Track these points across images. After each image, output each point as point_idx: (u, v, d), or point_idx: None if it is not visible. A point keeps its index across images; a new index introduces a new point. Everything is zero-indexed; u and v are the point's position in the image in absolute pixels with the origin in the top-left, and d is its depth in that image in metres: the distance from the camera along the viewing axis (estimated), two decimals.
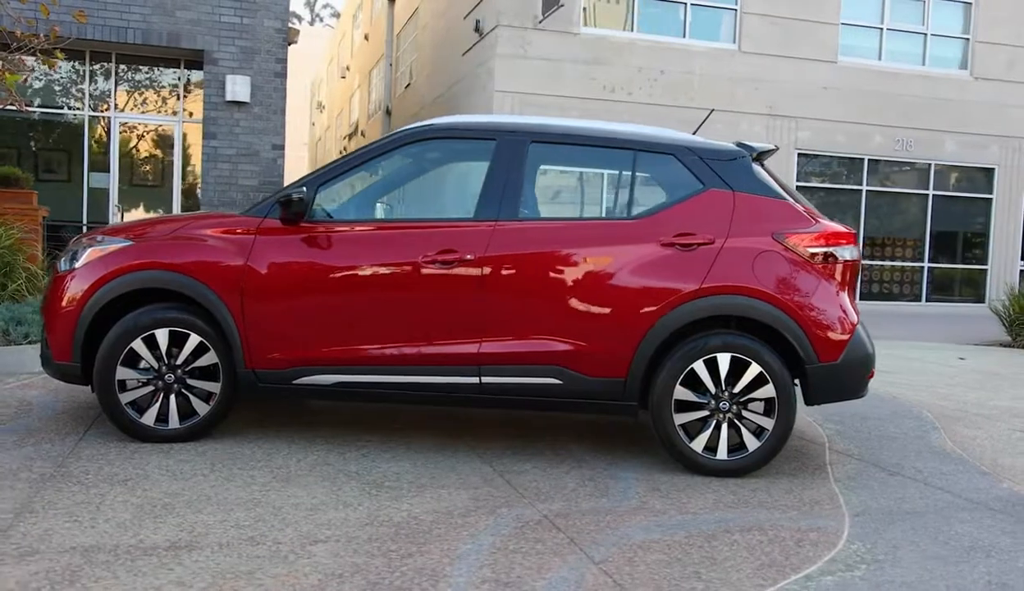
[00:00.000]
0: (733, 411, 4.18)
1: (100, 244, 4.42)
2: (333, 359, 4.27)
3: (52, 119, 13.77)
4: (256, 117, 13.52)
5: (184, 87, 14.03)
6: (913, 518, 3.69)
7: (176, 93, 14.05)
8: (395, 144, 4.48)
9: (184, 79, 13.95)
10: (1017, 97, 16.69)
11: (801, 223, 4.31)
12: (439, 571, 2.86)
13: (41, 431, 4.46)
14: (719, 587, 2.85)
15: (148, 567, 2.78)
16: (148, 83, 13.95)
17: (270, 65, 13.54)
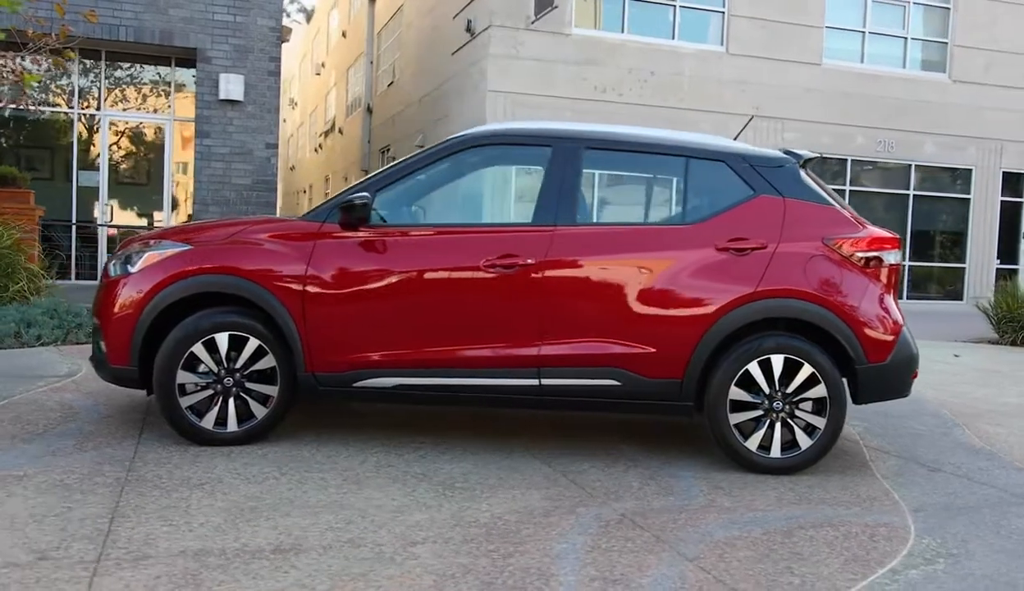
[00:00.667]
0: (786, 411, 4.30)
1: (157, 248, 4.43)
2: (394, 362, 4.32)
3: (40, 117, 13.57)
4: (250, 116, 13.45)
5: (175, 85, 13.91)
6: (970, 513, 3.84)
7: (167, 91, 13.92)
8: (453, 149, 4.54)
9: (175, 77, 13.82)
10: (993, 100, 17.11)
11: (849, 228, 4.45)
12: (545, 570, 2.95)
13: (96, 435, 4.46)
14: (814, 582, 2.97)
15: (264, 570, 2.83)
16: (139, 81, 13.81)
17: (263, 64, 13.48)
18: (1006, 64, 17.23)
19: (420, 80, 18.83)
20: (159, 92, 13.90)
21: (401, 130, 20.25)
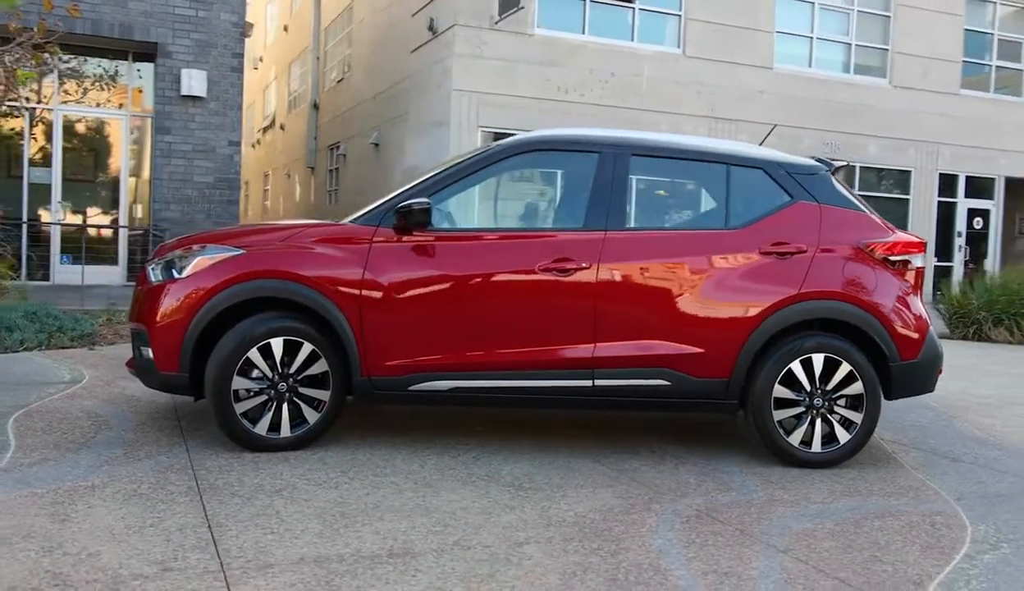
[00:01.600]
0: (826, 407, 4.51)
1: (207, 253, 4.38)
2: (449, 365, 4.38)
3: None
4: (212, 112, 13.19)
5: (133, 80, 13.54)
6: (1008, 501, 4.10)
7: (124, 86, 13.55)
8: (501, 155, 4.60)
9: (133, 72, 13.46)
10: (930, 104, 17.86)
11: (880, 233, 4.69)
12: (656, 566, 3.06)
13: (140, 443, 4.40)
14: (904, 569, 3.15)
15: (392, 575, 2.87)
16: (94, 75, 13.40)
17: (226, 59, 13.24)
18: (941, 71, 18.00)
19: (374, 77, 18.70)
20: (115, 87, 13.51)
21: (353, 127, 20.08)
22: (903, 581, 3.04)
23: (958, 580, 3.07)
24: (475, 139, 14.61)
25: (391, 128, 17.49)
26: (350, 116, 20.47)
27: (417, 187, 4.54)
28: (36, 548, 2.95)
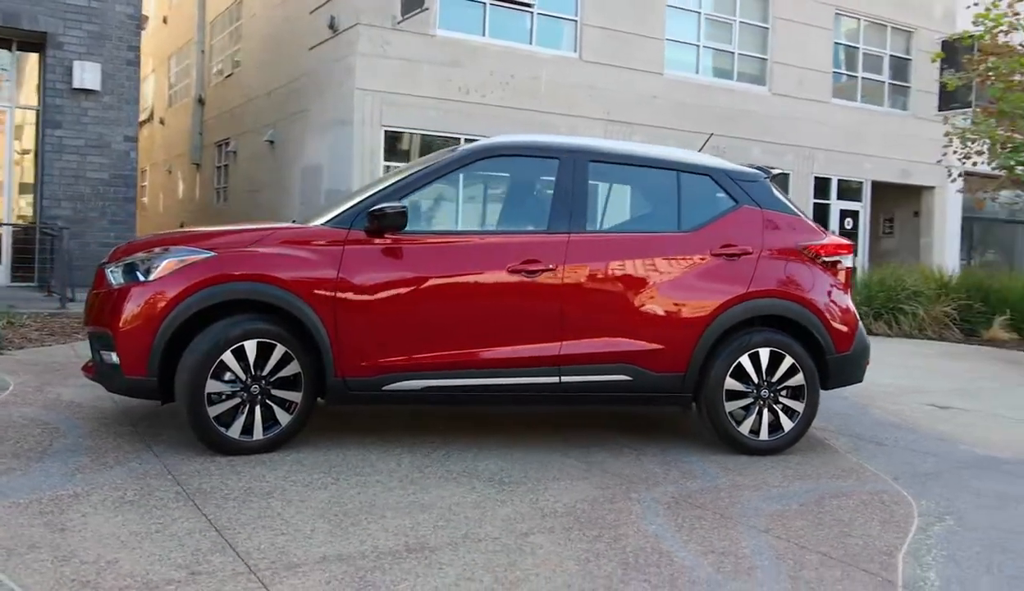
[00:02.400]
0: (771, 398, 4.85)
1: (175, 255, 4.32)
2: (422, 365, 4.48)
3: None
4: (107, 106, 12.67)
5: (19, 71, 12.83)
6: (936, 478, 4.54)
7: (6, 77, 12.82)
8: (466, 160, 4.73)
9: (19, 62, 12.76)
10: (805, 111, 18.94)
11: (816, 235, 5.08)
12: (658, 549, 3.28)
13: (104, 450, 4.29)
14: (872, 541, 3.49)
15: (419, 568, 2.97)
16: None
17: (122, 52, 12.74)
18: (815, 81, 19.12)
19: (268, 73, 18.31)
20: None
21: (245, 123, 19.59)
22: (876, 552, 3.37)
23: (920, 549, 3.43)
24: (379, 138, 14.57)
25: (288, 126, 17.18)
26: (241, 112, 19.96)
27: (385, 190, 4.61)
28: (48, 558, 2.90)
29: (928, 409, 6.60)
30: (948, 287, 12.69)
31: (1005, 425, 6.13)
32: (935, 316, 12.21)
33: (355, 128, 14.40)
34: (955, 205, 21.34)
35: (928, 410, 6.55)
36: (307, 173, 16.21)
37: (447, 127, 15.15)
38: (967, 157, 13.94)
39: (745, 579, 3.03)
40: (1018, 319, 12.26)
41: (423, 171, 4.70)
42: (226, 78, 21.62)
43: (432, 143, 15.43)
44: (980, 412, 6.61)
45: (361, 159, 14.47)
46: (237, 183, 20.30)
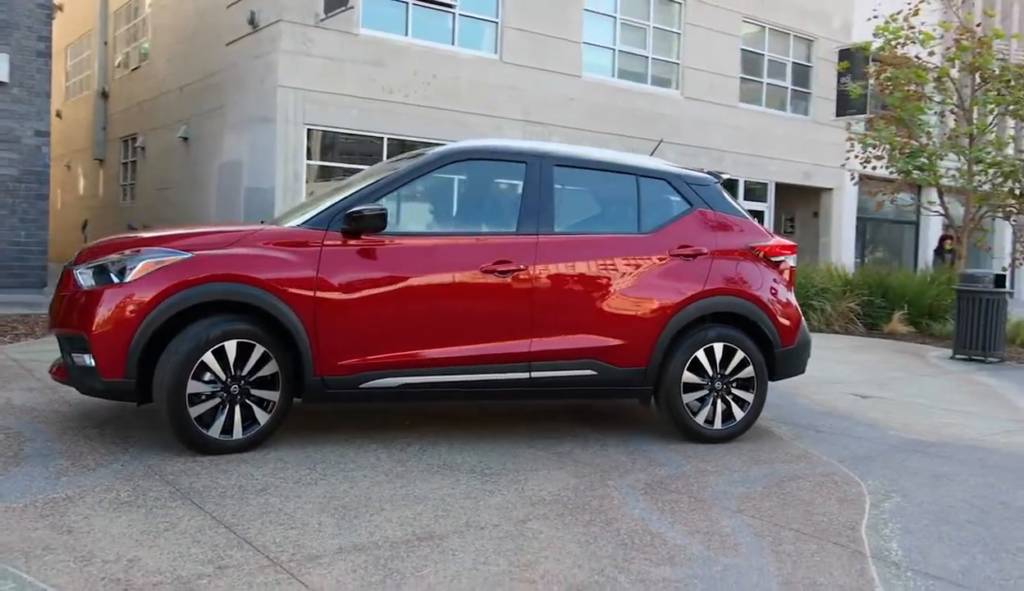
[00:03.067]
0: (724, 389, 5.17)
1: (151, 256, 4.32)
2: (399, 362, 4.60)
3: None
4: (16, 99, 12.19)
5: None
6: (874, 461, 4.94)
7: None
8: (437, 163, 4.87)
9: None
10: (716, 115, 19.67)
11: (763, 237, 5.42)
12: (649, 530, 3.51)
13: (78, 454, 4.25)
14: (836, 517, 3.81)
15: (435, 554, 3.12)
16: None
17: (31, 43, 12.27)
18: (723, 85, 19.88)
19: (180, 68, 17.87)
20: None
21: (155, 119, 19.06)
22: (841, 527, 3.69)
23: (877, 523, 3.77)
24: (302, 136, 14.45)
25: (204, 122, 16.82)
26: (150, 107, 19.41)
27: (360, 192, 4.71)
28: (68, 558, 2.93)
29: (851, 398, 7.08)
30: (852, 284, 13.44)
31: (922, 412, 6.64)
32: (841, 311, 12.92)
33: (278, 126, 14.25)
34: (851, 206, 22.53)
35: (851, 399, 7.03)
36: (225, 170, 15.93)
37: (370, 126, 15.15)
38: (867, 161, 14.78)
39: (733, 554, 3.29)
40: (914, 313, 13.08)
41: (396, 174, 4.81)
42: (132, 71, 20.97)
43: (357, 142, 15.41)
44: (896, 401, 7.12)
45: (284, 157, 14.33)
46: (146, 180, 19.73)
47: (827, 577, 3.11)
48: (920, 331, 12.79)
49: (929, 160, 13.40)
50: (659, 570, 3.09)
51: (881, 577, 3.14)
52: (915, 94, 13.91)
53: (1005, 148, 13.70)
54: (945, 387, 8.02)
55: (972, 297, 9.99)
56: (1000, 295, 9.92)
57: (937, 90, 13.88)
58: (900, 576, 3.16)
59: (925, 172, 13.37)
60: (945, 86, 13.74)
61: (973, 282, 10.11)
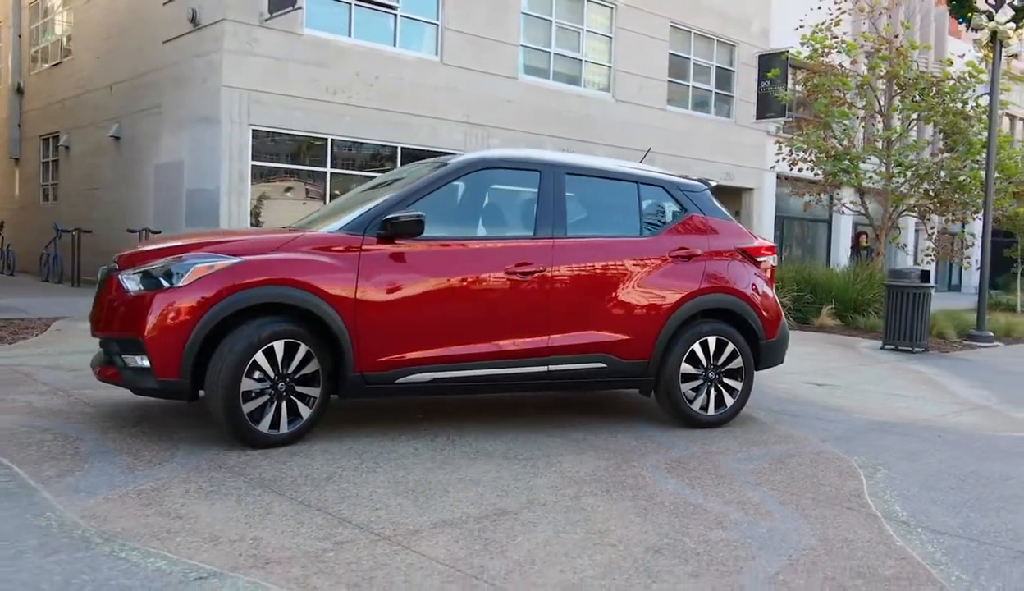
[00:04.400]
0: (717, 379, 5.68)
1: (202, 261, 4.55)
2: (430, 359, 4.94)
3: None
4: None
5: None
6: (853, 440, 5.52)
7: None
8: (460, 172, 5.23)
9: None
10: (645, 117, 20.41)
11: (748, 238, 5.95)
12: (690, 502, 3.96)
13: (134, 451, 4.44)
14: (840, 488, 4.34)
15: (517, 526, 3.50)
16: None
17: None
18: (652, 88, 20.65)
19: (109, 65, 17.54)
20: None
21: (81, 116, 18.65)
22: (848, 495, 4.22)
23: (876, 491, 4.32)
24: (246, 137, 14.45)
25: (138, 121, 16.59)
26: (75, 105, 18.97)
27: (389, 200, 5.01)
28: (196, 539, 3.19)
29: (808, 386, 7.72)
30: (783, 280, 14.27)
31: (875, 398, 7.32)
32: None
33: (223, 126, 14.23)
34: (770, 205, 23.66)
35: (809, 387, 7.67)
36: (164, 171, 15.76)
37: (314, 127, 15.26)
38: (793, 163, 15.69)
39: (770, 519, 3.77)
40: (840, 308, 14.00)
41: (423, 182, 5.13)
42: (53, 67, 20.44)
43: (301, 143, 15.48)
44: (848, 388, 7.80)
45: (229, 158, 14.33)
46: (71, 180, 19.27)
47: (854, 534, 3.62)
48: (846, 324, 13.70)
49: (852, 163, 14.35)
50: (714, 533, 3.54)
51: (898, 533, 3.67)
52: (839, 100, 14.86)
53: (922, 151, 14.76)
54: (884, 375, 8.77)
55: (900, 292, 10.85)
56: (925, 289, 10.80)
57: (859, 96, 14.85)
58: (912, 532, 3.70)
59: (850, 174, 14.31)
60: (866, 93, 14.71)
61: (901, 278, 10.97)
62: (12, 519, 3.35)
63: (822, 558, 3.32)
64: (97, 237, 17.29)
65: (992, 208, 12.92)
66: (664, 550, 3.32)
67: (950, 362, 10.15)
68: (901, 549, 3.47)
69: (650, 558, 3.22)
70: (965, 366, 9.81)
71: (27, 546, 3.07)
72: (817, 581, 3.08)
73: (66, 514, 3.43)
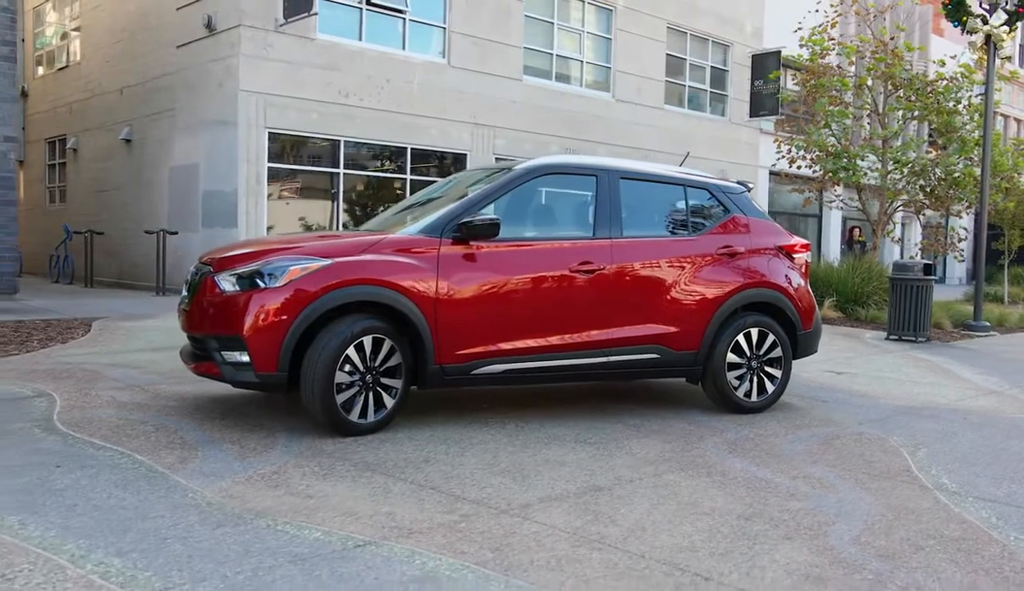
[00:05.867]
0: (759, 367, 6.09)
1: (297, 262, 4.90)
2: (503, 351, 5.32)
3: None
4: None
5: None
6: (887, 422, 5.95)
7: None
8: (526, 177, 5.60)
9: None
10: (643, 116, 20.84)
11: (785, 237, 6.37)
12: (759, 477, 4.36)
13: (240, 441, 4.79)
14: (888, 463, 4.76)
15: (617, 500, 3.88)
16: None
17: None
18: (651, 88, 21.09)
19: (119, 69, 17.76)
20: None
21: (89, 120, 18.85)
22: (898, 470, 4.64)
23: (923, 466, 4.74)
24: (263, 139, 14.75)
25: (150, 124, 16.83)
26: (83, 108, 19.16)
27: (463, 204, 5.38)
28: (335, 515, 3.55)
29: (829, 374, 8.15)
30: None
31: (894, 384, 7.75)
32: None
33: (239, 130, 14.51)
34: (763, 201, 24.14)
35: (830, 375, 8.10)
36: (178, 173, 16.02)
37: (329, 129, 15.58)
38: (792, 161, 16.16)
39: (836, 492, 4.18)
40: (841, 300, 14.47)
41: (492, 187, 5.51)
42: (59, 71, 20.60)
43: (315, 145, 15.78)
44: (866, 376, 8.23)
45: (247, 161, 14.62)
46: (80, 183, 19.45)
47: (914, 504, 4.03)
48: (848, 316, 14.17)
49: (851, 161, 14.83)
50: (792, 504, 3.94)
51: (952, 502, 4.08)
52: (837, 100, 15.34)
53: (919, 149, 15.25)
54: (897, 364, 9.22)
55: (904, 284, 11.32)
56: (928, 282, 11.28)
57: (856, 97, 15.34)
58: (964, 501, 4.11)
59: (848, 171, 14.79)
60: (863, 93, 15.20)
61: (904, 271, 11.44)
62: (163, 499, 3.69)
63: (893, 523, 3.72)
64: (109, 238, 17.54)
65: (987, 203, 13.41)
66: (754, 518, 3.71)
67: (953, 351, 10.62)
68: (959, 515, 3.88)
69: (744, 524, 3.62)
70: (969, 355, 10.29)
71: (191, 521, 3.42)
72: (895, 541, 3.49)
73: (207, 495, 3.78)
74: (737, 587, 2.95)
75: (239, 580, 2.85)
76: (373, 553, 3.15)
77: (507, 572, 3.00)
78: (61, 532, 3.24)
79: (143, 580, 2.83)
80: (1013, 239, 20.39)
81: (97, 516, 3.44)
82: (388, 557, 3.11)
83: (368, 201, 16.79)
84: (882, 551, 3.37)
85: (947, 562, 3.28)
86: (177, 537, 3.24)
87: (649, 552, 3.26)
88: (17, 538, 3.17)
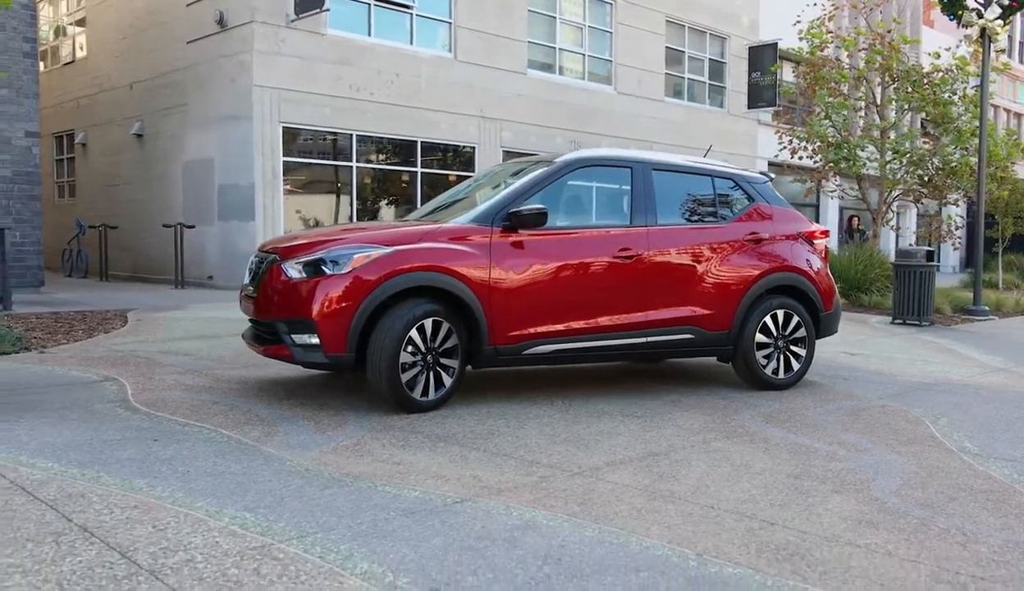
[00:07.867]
0: (784, 347, 6.48)
1: (361, 250, 5.25)
2: (552, 333, 5.68)
3: None
4: (6, 101, 12.42)
5: None
6: (903, 397, 6.34)
7: None
8: (566, 169, 5.96)
9: None
10: (644, 109, 21.21)
11: (806, 223, 6.76)
12: (799, 443, 4.75)
13: (315, 418, 5.14)
14: (914, 431, 5.15)
15: (673, 465, 4.26)
16: None
17: (16, 43, 12.51)
18: (651, 81, 21.45)
19: (128, 64, 18.00)
20: None
21: (98, 115, 19.08)
22: (924, 437, 5.03)
23: (946, 433, 5.14)
24: (277, 134, 15.05)
25: (161, 119, 17.09)
26: (92, 103, 19.38)
27: (510, 195, 5.73)
28: (425, 477, 3.91)
29: (844, 355, 8.55)
30: None
31: (906, 363, 8.16)
32: None
33: (255, 124, 14.80)
34: None
35: (845, 356, 8.50)
36: (193, 167, 16.29)
37: (341, 123, 15.89)
38: (794, 152, 16.56)
39: (871, 455, 4.57)
40: (844, 287, 14.88)
41: (535, 178, 5.86)
42: (65, 66, 20.79)
43: (327, 139, 16.08)
44: (878, 356, 8.64)
45: (262, 155, 14.91)
46: (90, 177, 19.68)
47: (943, 463, 4.43)
48: (851, 302, 14.59)
49: (851, 151, 15.24)
50: (833, 464, 4.33)
51: (976, 462, 4.48)
52: (836, 92, 15.74)
53: (916, 139, 15.67)
54: (905, 345, 9.64)
55: (907, 270, 11.74)
56: (930, 268, 11.70)
57: (855, 88, 15.74)
58: (988, 460, 4.51)
59: (849, 161, 15.20)
60: (862, 85, 15.60)
61: (908, 257, 11.86)
62: (264, 467, 4.05)
63: (927, 479, 4.12)
64: (122, 232, 17.81)
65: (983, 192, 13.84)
66: (802, 476, 4.10)
67: (957, 334, 11.05)
68: (985, 472, 4.28)
69: (794, 481, 4.00)
70: (972, 337, 10.72)
71: (299, 484, 3.77)
72: (932, 492, 3.88)
73: (302, 463, 4.13)
74: (801, 529, 3.34)
75: (363, 529, 3.21)
76: (473, 507, 3.51)
77: (597, 521, 3.38)
78: (187, 493, 3.60)
79: (279, 530, 3.18)
80: (1007, 227, 20.89)
81: (211, 480, 3.79)
82: (487, 511, 3.47)
83: (381, 194, 17.11)
84: (921, 501, 3.76)
85: (980, 509, 3.68)
86: (292, 496, 3.59)
87: (716, 504, 3.64)
88: (151, 497, 3.52)
